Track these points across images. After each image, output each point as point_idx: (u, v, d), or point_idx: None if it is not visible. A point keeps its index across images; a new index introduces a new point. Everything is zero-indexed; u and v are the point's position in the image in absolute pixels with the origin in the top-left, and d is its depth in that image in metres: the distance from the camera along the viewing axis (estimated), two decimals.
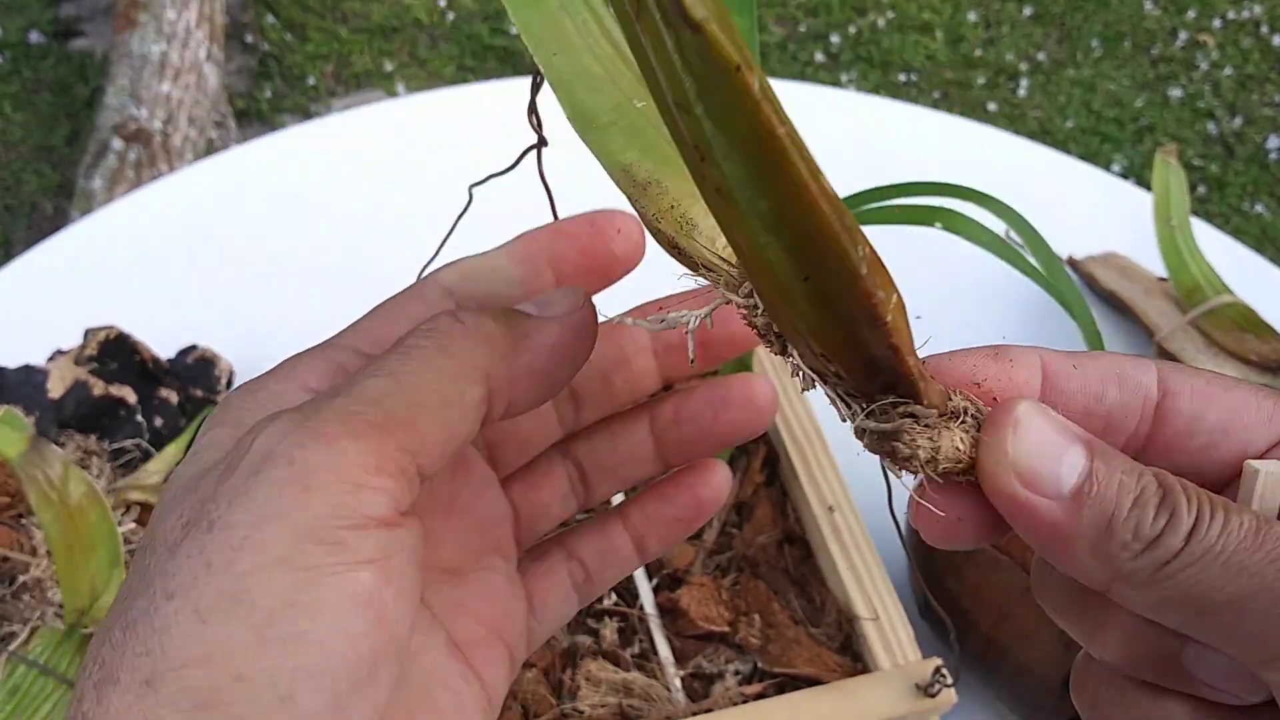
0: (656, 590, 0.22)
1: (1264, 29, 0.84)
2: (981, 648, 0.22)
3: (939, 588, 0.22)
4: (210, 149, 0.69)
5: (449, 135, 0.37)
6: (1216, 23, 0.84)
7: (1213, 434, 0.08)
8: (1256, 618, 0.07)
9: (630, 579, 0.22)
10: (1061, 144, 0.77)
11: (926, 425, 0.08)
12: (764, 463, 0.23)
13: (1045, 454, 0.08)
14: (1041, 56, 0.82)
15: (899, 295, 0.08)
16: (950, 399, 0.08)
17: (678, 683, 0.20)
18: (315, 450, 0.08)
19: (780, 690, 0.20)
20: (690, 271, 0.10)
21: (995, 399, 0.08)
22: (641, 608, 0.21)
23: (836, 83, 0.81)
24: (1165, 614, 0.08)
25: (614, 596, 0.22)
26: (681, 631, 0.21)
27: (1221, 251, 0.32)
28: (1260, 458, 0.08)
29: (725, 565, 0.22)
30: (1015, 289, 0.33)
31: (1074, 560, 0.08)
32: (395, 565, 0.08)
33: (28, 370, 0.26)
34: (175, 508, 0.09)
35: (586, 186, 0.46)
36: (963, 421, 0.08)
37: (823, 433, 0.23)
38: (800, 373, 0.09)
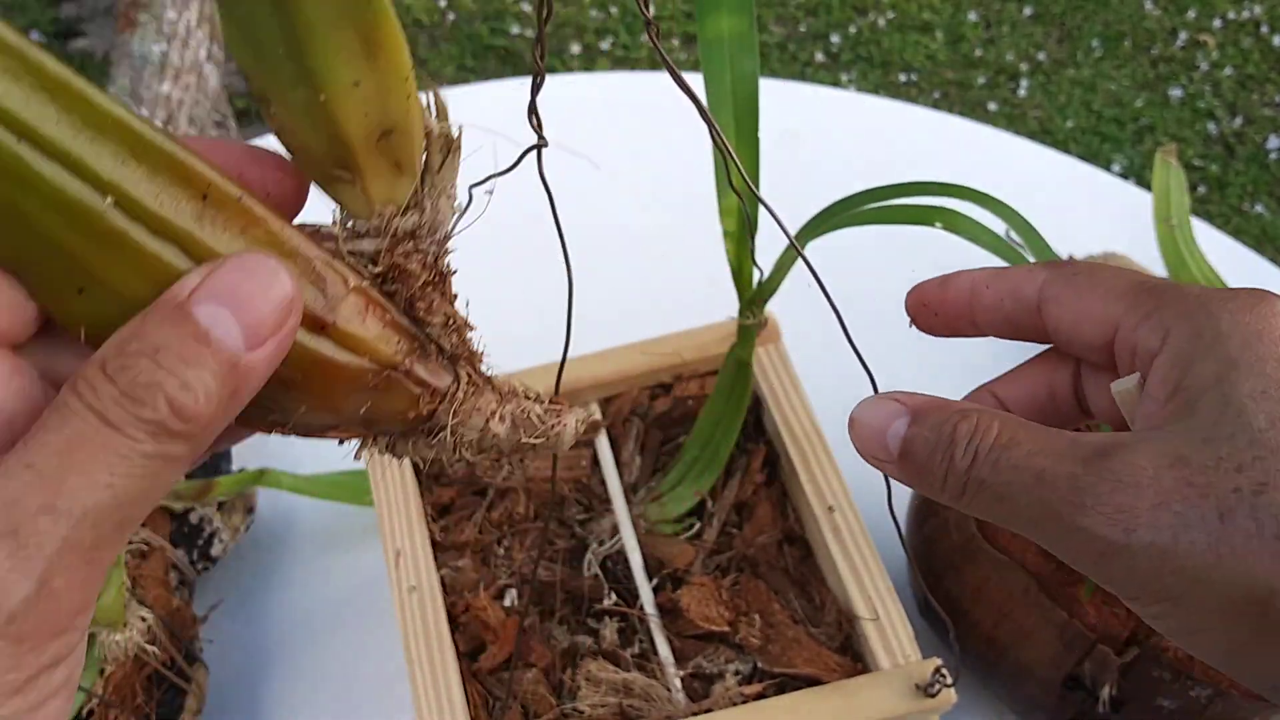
0: (656, 590, 0.22)
1: (1264, 29, 0.84)
2: (981, 647, 0.22)
3: (938, 587, 0.22)
4: None
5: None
6: (1217, 23, 0.84)
7: (1068, 333, 0.12)
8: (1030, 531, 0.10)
9: (630, 579, 0.22)
10: (1062, 144, 0.77)
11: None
12: (764, 463, 0.23)
13: (875, 436, 0.11)
14: (1042, 56, 0.82)
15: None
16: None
17: (678, 683, 0.20)
18: None
19: (780, 690, 0.20)
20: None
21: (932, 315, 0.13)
22: (641, 608, 0.21)
23: (837, 83, 0.81)
24: (987, 517, 0.10)
25: (614, 596, 0.22)
26: (681, 631, 0.21)
27: (1221, 251, 0.32)
28: (1123, 371, 0.11)
29: (725, 565, 0.22)
30: None
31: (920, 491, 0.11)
32: None
33: None
34: None
35: (588, 187, 0.46)
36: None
37: (823, 433, 0.23)
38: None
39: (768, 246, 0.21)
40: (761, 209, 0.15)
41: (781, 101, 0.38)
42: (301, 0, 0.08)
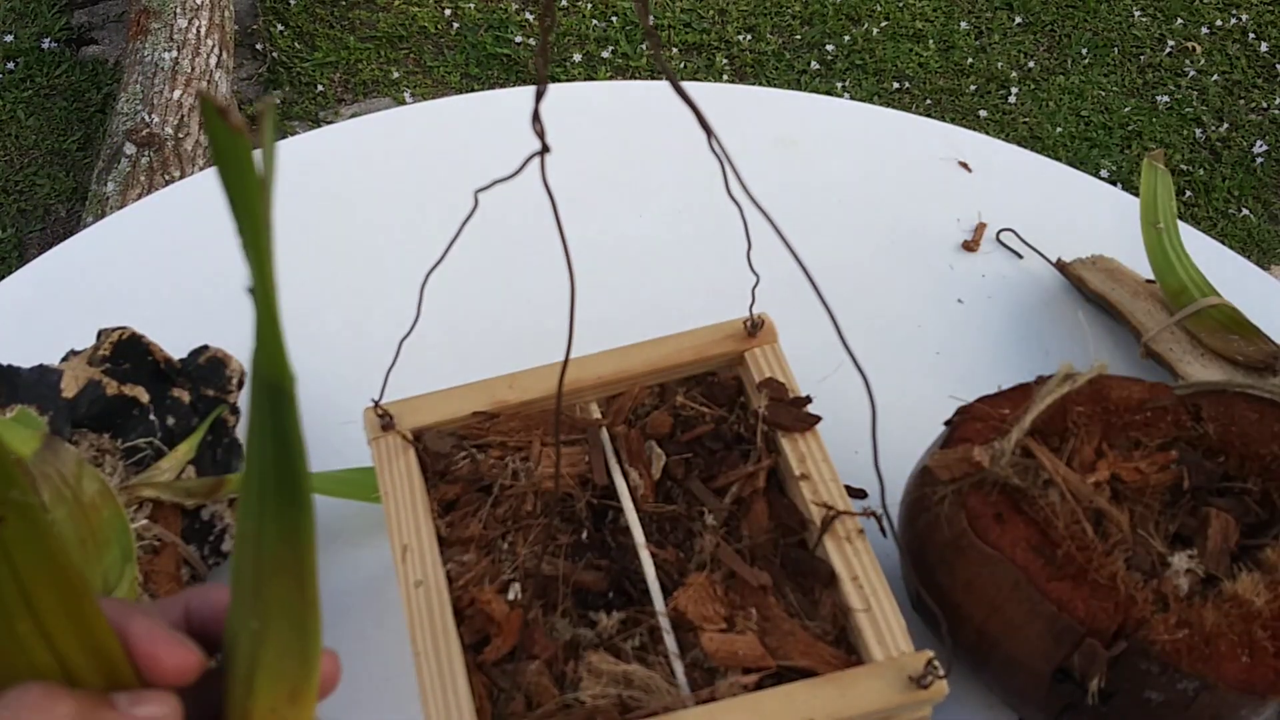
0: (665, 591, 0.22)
1: (1250, 36, 0.85)
2: (972, 640, 0.22)
3: (930, 582, 0.23)
4: None
5: (455, 142, 0.37)
6: (1204, 30, 0.85)
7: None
8: None
9: (643, 579, 0.22)
10: (1051, 150, 0.78)
11: None
12: (762, 459, 0.24)
13: None
14: (1032, 64, 0.83)
15: None
16: None
17: (682, 674, 0.20)
18: None
19: (777, 682, 0.20)
20: None
21: None
22: (654, 613, 0.21)
23: (831, 91, 0.82)
24: None
25: (625, 597, 0.22)
26: (679, 626, 0.21)
27: (1208, 255, 0.33)
28: None
29: (719, 560, 0.22)
30: (1015, 290, 0.34)
31: None
32: None
33: (42, 370, 0.26)
34: None
35: (588, 194, 0.46)
36: None
37: (818, 431, 0.24)
38: None
39: (769, 254, 0.21)
40: (759, 215, 0.15)
41: (777, 110, 0.38)
42: (261, 654, 0.11)
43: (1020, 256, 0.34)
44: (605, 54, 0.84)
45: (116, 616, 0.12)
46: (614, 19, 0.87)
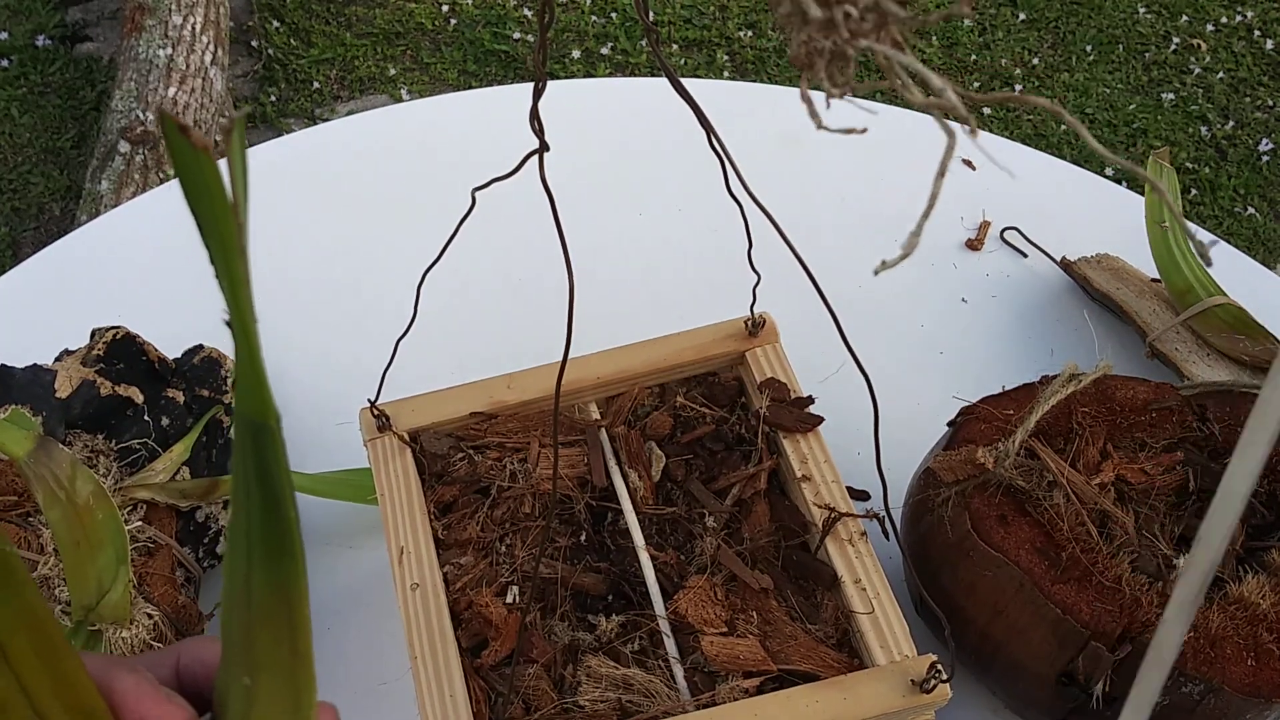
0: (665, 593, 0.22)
1: (1256, 33, 0.85)
2: (976, 644, 0.22)
3: (933, 585, 0.23)
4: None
5: (452, 140, 0.37)
6: (1209, 27, 0.85)
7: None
8: None
9: (642, 582, 0.22)
10: (1055, 148, 0.78)
11: None
12: (763, 460, 0.24)
13: None
14: (1036, 61, 0.83)
15: None
16: None
17: (682, 678, 0.20)
18: None
19: (778, 686, 0.20)
20: None
21: None
22: (653, 616, 0.21)
23: None
24: None
25: (625, 600, 0.22)
26: (679, 630, 0.21)
27: (1214, 254, 0.33)
28: None
29: (719, 563, 0.22)
30: (1019, 290, 0.33)
31: None
32: None
33: (36, 370, 0.26)
34: None
35: (588, 192, 0.46)
36: None
37: (820, 432, 0.23)
38: None
39: (768, 252, 0.21)
40: (760, 214, 0.15)
41: (780, 107, 0.38)
42: (259, 664, 0.11)
43: (1024, 255, 0.34)
44: (605, 50, 0.84)
45: (101, 673, 0.11)
46: (613, 15, 0.86)
